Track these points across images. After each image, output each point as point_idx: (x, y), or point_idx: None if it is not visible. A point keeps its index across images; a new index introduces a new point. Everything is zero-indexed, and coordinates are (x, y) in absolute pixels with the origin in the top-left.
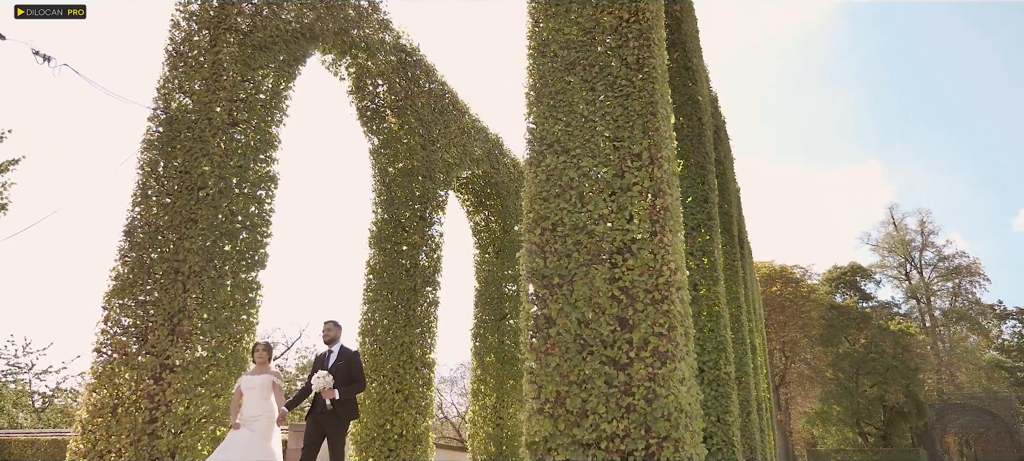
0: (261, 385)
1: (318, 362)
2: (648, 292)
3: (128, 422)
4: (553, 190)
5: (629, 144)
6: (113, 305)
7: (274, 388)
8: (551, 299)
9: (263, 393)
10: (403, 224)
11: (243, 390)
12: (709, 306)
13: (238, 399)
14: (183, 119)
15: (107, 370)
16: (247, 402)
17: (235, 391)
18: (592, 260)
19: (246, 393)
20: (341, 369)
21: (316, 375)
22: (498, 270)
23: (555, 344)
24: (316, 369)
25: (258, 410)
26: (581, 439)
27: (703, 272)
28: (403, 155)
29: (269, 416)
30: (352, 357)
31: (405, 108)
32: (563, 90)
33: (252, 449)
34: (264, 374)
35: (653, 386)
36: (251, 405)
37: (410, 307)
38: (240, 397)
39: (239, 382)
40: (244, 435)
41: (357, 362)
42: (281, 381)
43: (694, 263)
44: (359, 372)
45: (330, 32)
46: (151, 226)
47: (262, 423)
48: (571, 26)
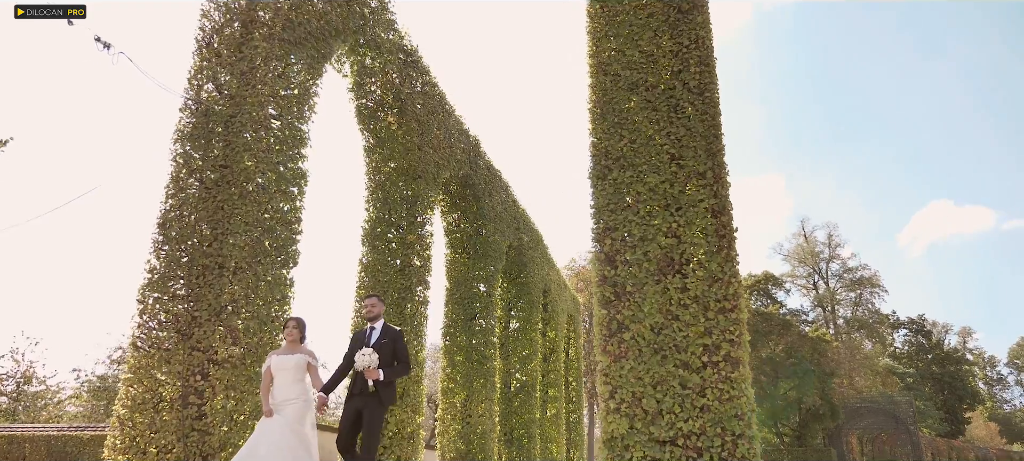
0: (296, 366)
1: (357, 340)
2: (718, 302)
3: (174, 418)
4: (621, 203)
5: (693, 163)
6: (148, 298)
7: (310, 369)
8: (623, 305)
9: (297, 374)
10: (395, 223)
11: (274, 371)
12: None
13: (268, 381)
14: (219, 112)
15: (146, 364)
16: (279, 384)
17: (264, 372)
18: (662, 270)
19: (277, 374)
20: (385, 348)
21: (360, 352)
22: (469, 270)
23: (629, 348)
24: (355, 347)
25: (292, 393)
26: (658, 437)
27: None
28: (398, 154)
29: (304, 400)
30: (397, 336)
31: (404, 108)
32: (627, 109)
33: (286, 437)
34: (298, 353)
35: (726, 388)
36: (284, 388)
37: (401, 306)
38: (270, 379)
39: (268, 362)
40: (277, 424)
41: (402, 342)
42: (317, 361)
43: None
44: (404, 353)
45: (350, 30)
46: (186, 219)
47: (297, 407)
48: (632, 49)
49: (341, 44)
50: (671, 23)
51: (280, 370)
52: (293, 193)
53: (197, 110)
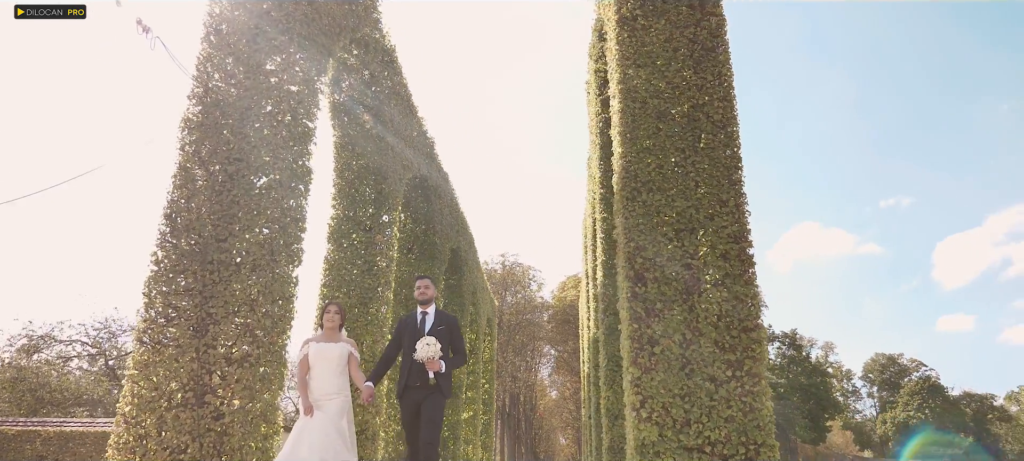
0: (339, 356)
1: (405, 326)
2: (741, 320)
3: (189, 417)
4: (650, 223)
5: (717, 191)
6: (154, 292)
7: (352, 361)
8: (653, 321)
9: (340, 365)
10: (361, 222)
11: (312, 361)
12: None
13: (305, 372)
14: (230, 103)
15: (154, 360)
16: (319, 376)
17: (300, 361)
18: (689, 289)
19: (317, 365)
20: (441, 335)
21: (424, 341)
22: (414, 271)
23: (659, 361)
24: (405, 334)
25: (333, 387)
26: (687, 444)
27: None
28: (368, 153)
29: (346, 395)
30: (453, 323)
31: (380, 108)
32: (655, 135)
33: (329, 437)
34: (340, 342)
35: (750, 401)
36: (325, 380)
37: (365, 306)
38: (307, 369)
39: (306, 350)
40: (319, 422)
41: (458, 330)
42: (358, 353)
43: None
44: (461, 342)
45: (348, 27)
46: (195, 211)
47: (339, 403)
48: (659, 78)
49: (343, 41)
50: (695, 58)
51: (322, 359)
52: (301, 190)
53: (206, 98)
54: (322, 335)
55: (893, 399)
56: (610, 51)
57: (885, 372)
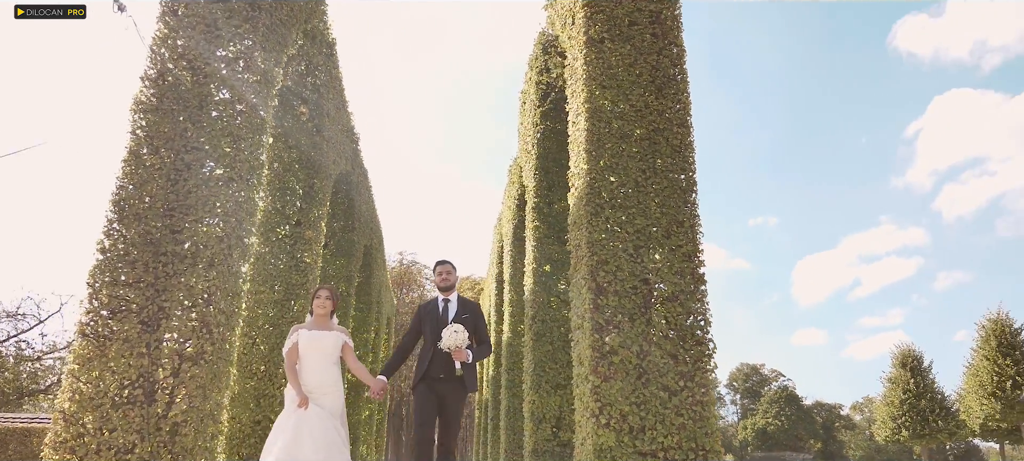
0: (333, 345)
1: (426, 314)
2: (693, 334)
3: (138, 416)
4: (612, 239)
5: (673, 212)
6: (99, 283)
7: (348, 351)
8: (614, 332)
9: (334, 356)
10: (289, 217)
11: (304, 350)
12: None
13: (295, 361)
14: (186, 88)
15: (99, 355)
16: (310, 367)
17: (289, 351)
18: (647, 303)
19: (308, 355)
20: (466, 324)
21: (451, 328)
22: (329, 268)
23: (617, 370)
24: (425, 322)
25: (327, 378)
26: (641, 450)
27: None
28: (302, 145)
29: (339, 388)
30: (477, 312)
31: (319, 100)
32: (619, 154)
33: (329, 433)
34: (333, 331)
35: (699, 410)
36: (317, 371)
37: (286, 304)
38: (297, 358)
39: (296, 337)
40: (318, 418)
41: (483, 320)
42: (351, 342)
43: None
44: (485, 332)
45: (302, 19)
46: (146, 200)
47: (334, 397)
48: (623, 101)
49: (297, 32)
50: (657, 84)
51: (314, 349)
52: (253, 183)
53: (161, 81)
54: (312, 322)
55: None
56: (574, 70)
57: (748, 381)
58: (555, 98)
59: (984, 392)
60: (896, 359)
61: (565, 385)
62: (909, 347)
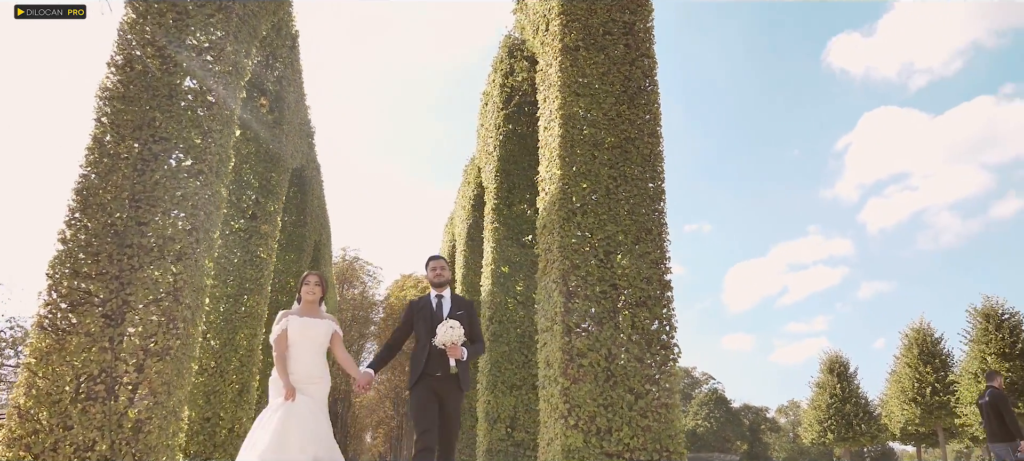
0: (324, 333)
1: (419, 311)
2: (659, 339)
3: (99, 411)
4: (584, 245)
5: (643, 219)
6: (59, 275)
7: (338, 341)
8: (584, 335)
9: (324, 345)
10: (244, 210)
11: (294, 338)
12: None
13: (284, 349)
14: (155, 76)
15: (58, 349)
16: (300, 356)
17: (278, 337)
18: (616, 308)
19: (299, 343)
20: (461, 321)
21: (448, 324)
22: (282, 263)
23: (586, 372)
24: (418, 319)
25: (316, 369)
26: (608, 450)
27: None
28: (262, 138)
29: (327, 378)
30: (471, 309)
31: (280, 93)
32: (591, 161)
33: (320, 425)
34: (324, 319)
35: (664, 412)
36: (307, 361)
37: (238, 299)
38: (286, 347)
39: (285, 323)
40: (308, 410)
41: (477, 316)
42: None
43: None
44: (479, 331)
45: (270, 11)
46: (111, 190)
47: (322, 388)
48: (597, 109)
49: (266, 24)
50: (630, 95)
51: (305, 337)
52: (222, 175)
53: (128, 69)
54: (301, 309)
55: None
56: (547, 77)
57: (680, 383)
58: (519, 102)
59: (905, 398)
60: (824, 365)
61: (520, 386)
62: (837, 354)
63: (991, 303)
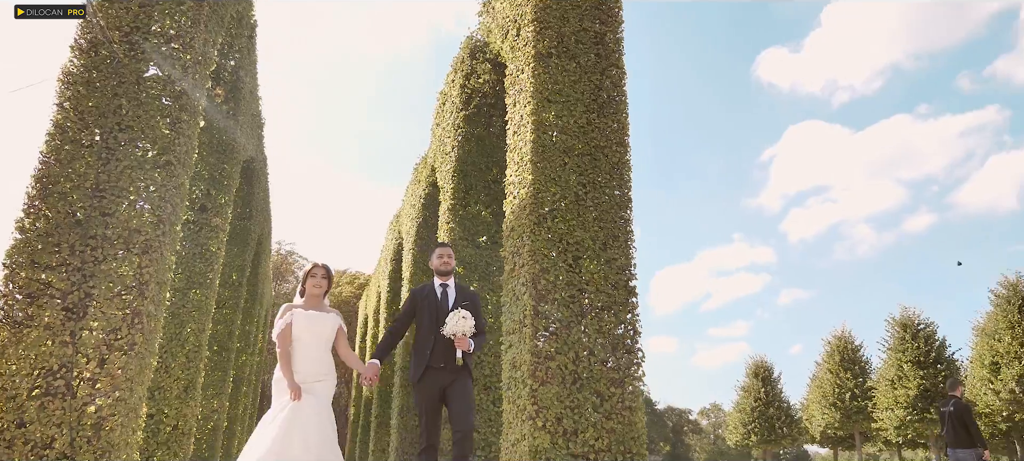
0: (330, 330)
1: (423, 300)
2: (624, 342)
3: (58, 407)
4: (552, 249)
5: (610, 226)
6: (16, 265)
7: (342, 336)
8: (553, 339)
9: (329, 342)
10: (194, 203)
11: (298, 333)
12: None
13: (288, 345)
14: (120, 61)
15: (12, 341)
16: (306, 353)
17: (282, 332)
18: (583, 311)
19: (304, 338)
20: (468, 312)
21: (459, 314)
22: (227, 257)
23: (554, 375)
24: (421, 308)
25: (323, 366)
26: (574, 452)
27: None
28: (215, 128)
29: (333, 375)
30: (476, 300)
31: (236, 83)
32: (561, 168)
33: (324, 427)
34: (330, 313)
35: (628, 415)
36: (313, 358)
37: (186, 293)
38: (290, 342)
39: (290, 317)
40: (314, 411)
41: (481, 308)
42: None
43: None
44: (483, 321)
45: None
46: (73, 178)
47: (328, 386)
48: (568, 116)
49: (232, 12)
50: (599, 103)
51: (311, 333)
52: (186, 166)
53: (93, 53)
54: (306, 302)
55: None
56: (518, 82)
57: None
58: (479, 104)
59: (826, 402)
60: (749, 369)
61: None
62: (762, 358)
63: (909, 313)
